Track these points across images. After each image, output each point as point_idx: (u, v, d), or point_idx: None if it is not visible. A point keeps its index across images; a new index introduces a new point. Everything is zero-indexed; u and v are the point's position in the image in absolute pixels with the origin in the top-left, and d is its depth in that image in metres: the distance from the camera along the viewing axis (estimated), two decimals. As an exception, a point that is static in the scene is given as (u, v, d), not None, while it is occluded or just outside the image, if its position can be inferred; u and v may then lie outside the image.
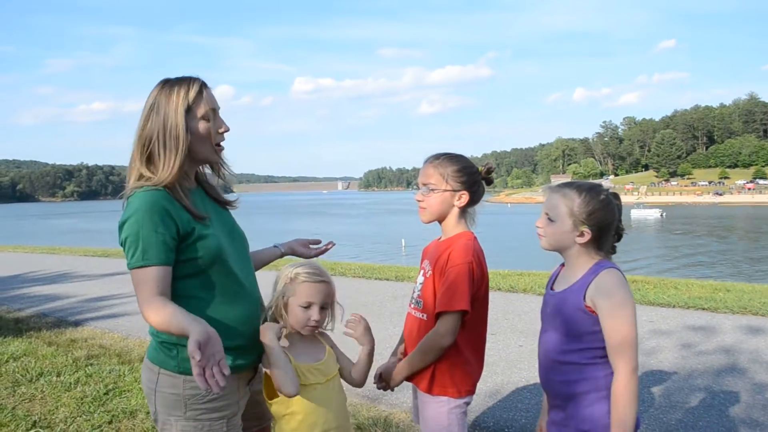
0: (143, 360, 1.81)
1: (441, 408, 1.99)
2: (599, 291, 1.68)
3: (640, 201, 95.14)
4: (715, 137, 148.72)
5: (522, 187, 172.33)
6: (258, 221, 59.10)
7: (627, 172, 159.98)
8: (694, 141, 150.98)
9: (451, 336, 1.93)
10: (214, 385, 1.36)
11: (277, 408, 1.83)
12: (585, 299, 1.70)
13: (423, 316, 2.04)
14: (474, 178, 2.03)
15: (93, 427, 3.46)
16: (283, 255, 2.25)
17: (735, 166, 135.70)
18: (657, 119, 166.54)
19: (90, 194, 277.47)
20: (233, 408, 1.76)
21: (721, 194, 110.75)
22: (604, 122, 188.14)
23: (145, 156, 1.73)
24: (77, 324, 6.51)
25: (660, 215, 69.65)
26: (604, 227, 1.75)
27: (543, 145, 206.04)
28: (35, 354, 5.07)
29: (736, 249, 38.07)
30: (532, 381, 3.98)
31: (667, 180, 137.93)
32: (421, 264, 2.14)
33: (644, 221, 63.73)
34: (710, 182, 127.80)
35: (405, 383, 2.11)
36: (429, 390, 2.00)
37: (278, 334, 1.79)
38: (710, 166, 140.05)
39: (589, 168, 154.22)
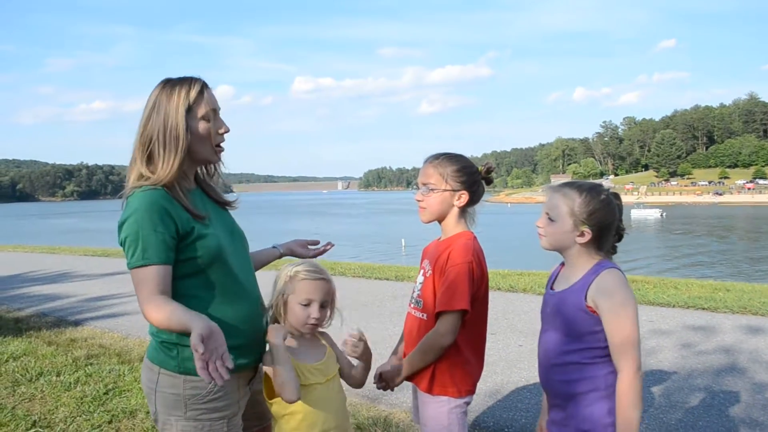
0: (143, 360, 1.81)
1: (441, 408, 1.99)
2: (600, 291, 1.68)
3: (640, 201, 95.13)
4: (715, 137, 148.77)
5: (522, 187, 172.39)
6: (258, 221, 59.10)
7: (627, 172, 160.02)
8: (694, 141, 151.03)
9: (451, 335, 1.93)
10: (218, 378, 1.37)
11: (277, 408, 1.83)
12: (586, 299, 1.70)
13: (423, 316, 2.04)
14: (474, 178, 2.04)
15: (93, 427, 3.46)
16: (282, 256, 2.26)
17: (735, 166, 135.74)
18: (657, 119, 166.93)
19: (90, 194, 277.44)
20: (233, 408, 1.76)
21: (721, 194, 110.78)
22: (604, 122, 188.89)
23: (146, 155, 1.73)
24: (77, 323, 6.51)
25: (660, 215, 69.66)
26: (605, 227, 1.75)
27: (543, 145, 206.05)
28: (35, 354, 5.07)
29: (736, 249, 38.11)
30: (532, 381, 3.98)
31: (667, 180, 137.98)
32: (421, 264, 2.14)
33: (644, 221, 63.73)
34: (710, 182, 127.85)
35: (405, 383, 2.11)
36: (429, 390, 2.00)
37: (285, 337, 1.79)
38: (710, 166, 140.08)
39: (589, 168, 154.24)
